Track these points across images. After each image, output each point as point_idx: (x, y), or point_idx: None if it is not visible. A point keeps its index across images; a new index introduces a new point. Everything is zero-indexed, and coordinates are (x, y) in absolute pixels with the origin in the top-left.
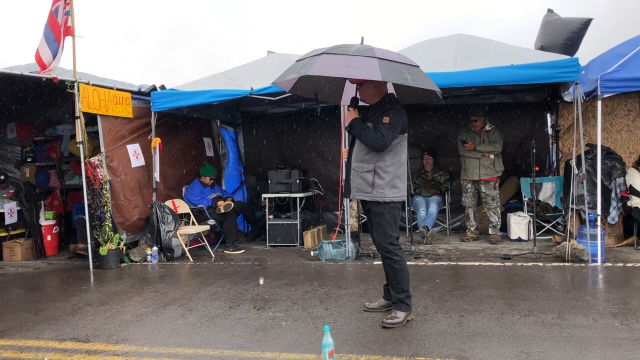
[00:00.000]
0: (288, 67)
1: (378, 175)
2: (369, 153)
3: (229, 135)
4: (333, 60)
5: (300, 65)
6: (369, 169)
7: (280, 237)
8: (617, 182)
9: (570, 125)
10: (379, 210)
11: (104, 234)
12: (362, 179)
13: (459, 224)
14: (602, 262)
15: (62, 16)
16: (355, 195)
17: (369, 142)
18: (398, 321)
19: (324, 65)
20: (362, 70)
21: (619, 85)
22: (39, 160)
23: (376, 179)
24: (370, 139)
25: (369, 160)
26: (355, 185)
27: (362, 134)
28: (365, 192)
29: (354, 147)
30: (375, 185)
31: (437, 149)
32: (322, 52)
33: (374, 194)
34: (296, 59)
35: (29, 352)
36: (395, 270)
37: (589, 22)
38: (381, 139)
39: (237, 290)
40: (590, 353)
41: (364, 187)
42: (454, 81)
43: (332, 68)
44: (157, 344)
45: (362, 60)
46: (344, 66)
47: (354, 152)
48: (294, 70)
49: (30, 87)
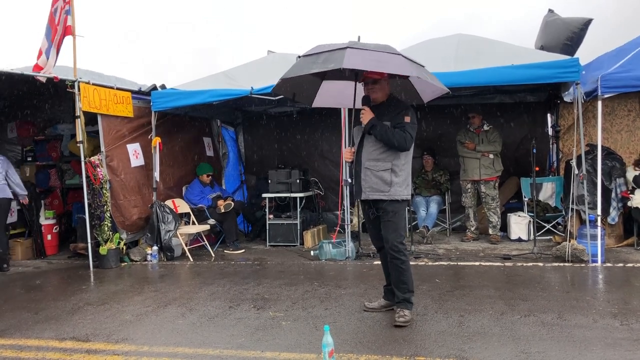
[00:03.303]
0: (297, 63)
1: (395, 173)
2: (385, 152)
3: (229, 134)
4: (362, 55)
5: (322, 59)
6: (385, 167)
7: (281, 236)
8: (618, 182)
9: (570, 126)
10: (394, 208)
11: (104, 233)
12: (379, 177)
13: (459, 224)
14: (602, 263)
15: (61, 16)
16: (369, 194)
17: (396, 141)
18: (408, 319)
19: (355, 58)
20: (394, 66)
21: (619, 86)
22: (39, 160)
23: (393, 177)
24: (399, 138)
25: (385, 159)
26: (369, 184)
27: (387, 134)
28: (382, 191)
29: (362, 146)
30: (392, 183)
31: (437, 149)
32: (345, 46)
33: (392, 192)
34: (300, 55)
35: (29, 351)
36: (402, 270)
37: (589, 22)
38: (409, 139)
39: (237, 289)
40: (590, 353)
41: (380, 186)
42: (454, 81)
43: (363, 62)
44: (157, 344)
45: (389, 56)
46: (375, 61)
47: (364, 151)
48: (308, 65)
49: (32, 86)
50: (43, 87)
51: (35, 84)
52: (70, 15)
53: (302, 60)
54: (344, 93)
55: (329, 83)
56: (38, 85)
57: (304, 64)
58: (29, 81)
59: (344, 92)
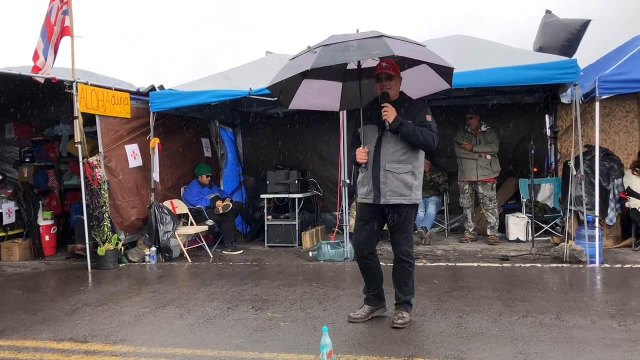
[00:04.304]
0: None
1: (415, 176)
2: (407, 153)
3: (228, 135)
4: (402, 44)
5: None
6: (407, 169)
7: (279, 237)
8: (615, 183)
9: (568, 127)
10: (411, 213)
11: (102, 234)
12: (401, 180)
13: (458, 225)
14: (600, 263)
15: (58, 16)
16: (391, 199)
17: (425, 141)
18: (407, 321)
19: (400, 47)
20: (436, 58)
21: (617, 87)
22: (37, 160)
23: (414, 180)
24: (428, 138)
25: (407, 161)
26: (390, 188)
27: (416, 133)
28: (404, 195)
29: (380, 147)
30: (413, 187)
31: (435, 150)
32: (379, 34)
33: (412, 196)
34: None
35: (27, 352)
36: (409, 274)
37: (587, 23)
38: (437, 138)
39: (236, 290)
40: (588, 354)
41: (402, 189)
42: (452, 82)
43: (408, 51)
44: (155, 345)
45: (423, 48)
46: (413, 51)
47: (385, 152)
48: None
49: (30, 86)
50: (41, 87)
51: (34, 84)
52: (68, 16)
53: (324, 50)
54: (323, 93)
55: (310, 82)
56: (36, 86)
57: (329, 54)
58: (27, 82)
59: (324, 93)
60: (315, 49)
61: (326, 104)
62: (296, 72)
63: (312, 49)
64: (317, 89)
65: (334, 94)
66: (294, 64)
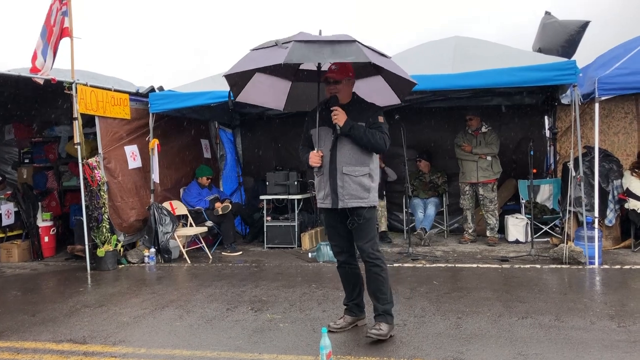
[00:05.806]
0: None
1: (372, 178)
2: (363, 155)
3: (227, 136)
4: (373, 53)
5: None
6: (364, 172)
7: (278, 238)
8: (615, 184)
9: (567, 128)
10: (371, 215)
11: (102, 235)
12: (358, 184)
13: (457, 226)
14: (599, 264)
15: (57, 17)
16: (349, 202)
17: (376, 144)
18: (383, 333)
19: (373, 56)
20: (400, 70)
21: (616, 88)
22: (37, 162)
23: (371, 183)
24: (379, 140)
25: (364, 163)
26: (348, 191)
27: (367, 136)
28: (362, 198)
29: (336, 150)
30: (370, 189)
31: (435, 152)
32: (352, 39)
33: (370, 198)
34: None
35: (26, 353)
36: (382, 280)
37: (586, 24)
38: (388, 141)
39: (235, 291)
40: (588, 355)
41: (360, 192)
42: (451, 83)
43: (383, 62)
44: (155, 346)
45: (390, 60)
46: (386, 63)
47: (340, 155)
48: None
49: (29, 88)
50: (40, 88)
51: (33, 85)
52: (68, 17)
53: (296, 46)
54: (272, 90)
55: (262, 77)
56: (35, 86)
57: (302, 52)
58: (26, 83)
59: (272, 90)
60: (284, 44)
61: (271, 102)
62: (263, 64)
63: (280, 43)
64: (267, 85)
65: (281, 93)
66: (258, 55)
